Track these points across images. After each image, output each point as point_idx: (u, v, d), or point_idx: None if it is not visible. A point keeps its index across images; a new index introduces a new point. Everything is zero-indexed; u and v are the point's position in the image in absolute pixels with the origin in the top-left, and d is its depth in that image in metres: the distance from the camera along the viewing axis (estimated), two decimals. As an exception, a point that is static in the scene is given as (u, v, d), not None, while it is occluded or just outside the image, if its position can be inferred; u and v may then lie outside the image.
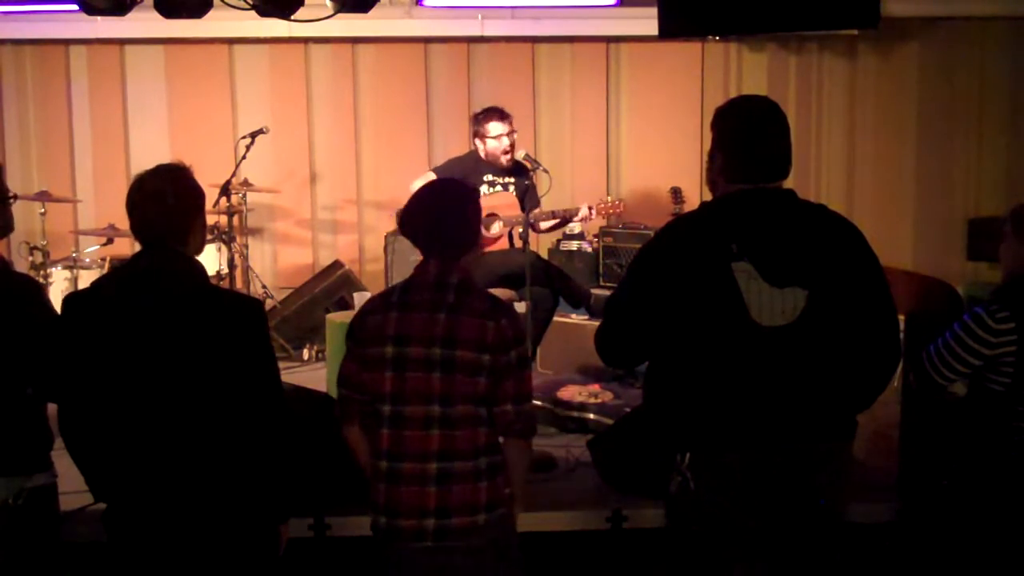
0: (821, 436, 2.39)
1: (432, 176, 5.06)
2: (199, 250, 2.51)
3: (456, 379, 2.38)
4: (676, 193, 6.54)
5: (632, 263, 2.51)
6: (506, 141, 5.10)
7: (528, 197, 5.08)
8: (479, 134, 5.16)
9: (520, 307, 4.41)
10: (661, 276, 2.36)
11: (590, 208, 5.19)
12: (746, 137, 2.41)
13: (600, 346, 2.56)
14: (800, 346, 2.32)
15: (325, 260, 6.85)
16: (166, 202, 2.39)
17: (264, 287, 6.60)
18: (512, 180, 5.24)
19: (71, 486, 2.89)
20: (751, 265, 2.29)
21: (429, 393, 2.39)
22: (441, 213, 2.50)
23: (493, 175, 5.22)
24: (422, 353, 2.39)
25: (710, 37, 6.87)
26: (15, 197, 2.81)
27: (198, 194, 2.49)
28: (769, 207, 2.38)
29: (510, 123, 5.16)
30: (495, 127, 5.11)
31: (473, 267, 2.60)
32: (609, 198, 5.47)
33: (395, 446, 2.42)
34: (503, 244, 5.27)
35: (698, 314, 2.31)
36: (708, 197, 2.54)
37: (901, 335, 3.65)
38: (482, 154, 5.17)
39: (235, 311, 2.44)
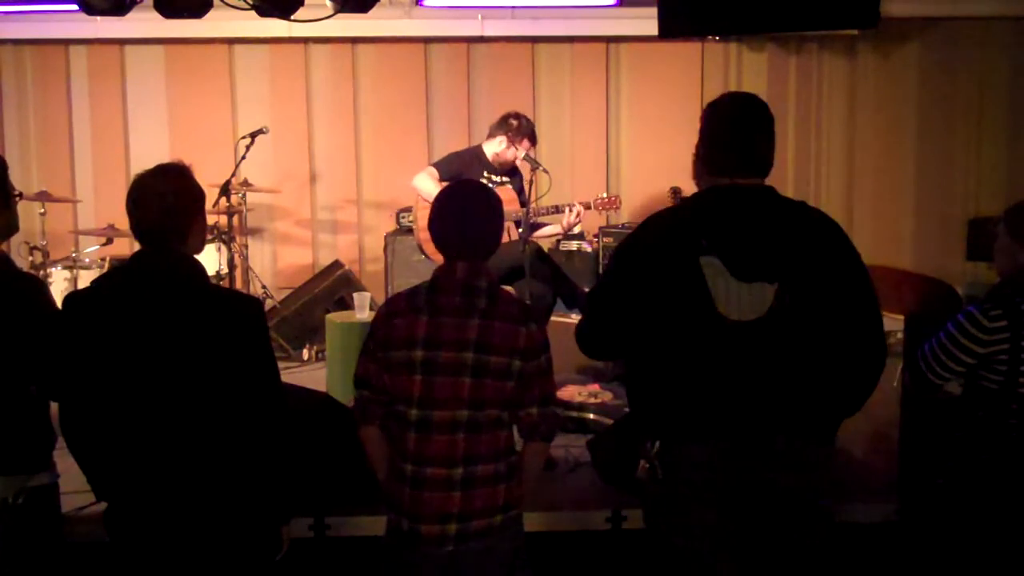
0: (788, 433, 2.35)
1: (433, 171, 5.07)
2: (199, 250, 2.51)
3: (486, 384, 2.39)
4: (676, 193, 6.54)
5: (611, 257, 2.55)
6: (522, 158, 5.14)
7: (522, 196, 5.10)
8: (511, 139, 5.12)
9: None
10: (634, 269, 2.40)
11: (583, 205, 5.21)
12: (725, 131, 2.46)
13: (579, 337, 2.59)
14: (769, 341, 2.31)
15: (325, 260, 6.86)
16: (166, 201, 2.39)
17: (264, 287, 6.60)
18: (510, 178, 5.26)
19: (73, 486, 2.89)
20: (718, 259, 2.31)
21: (458, 397, 2.39)
22: (469, 215, 2.50)
23: (491, 172, 5.23)
24: (453, 358, 2.39)
25: (710, 37, 6.88)
26: (20, 195, 2.80)
27: (198, 194, 2.49)
28: (742, 203, 2.40)
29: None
30: (527, 145, 5.13)
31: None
32: (604, 194, 5.48)
33: (421, 450, 2.41)
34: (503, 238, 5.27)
35: (667, 306, 2.34)
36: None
37: (900, 335, 3.68)
38: (492, 152, 5.17)
39: (234, 310, 2.44)
